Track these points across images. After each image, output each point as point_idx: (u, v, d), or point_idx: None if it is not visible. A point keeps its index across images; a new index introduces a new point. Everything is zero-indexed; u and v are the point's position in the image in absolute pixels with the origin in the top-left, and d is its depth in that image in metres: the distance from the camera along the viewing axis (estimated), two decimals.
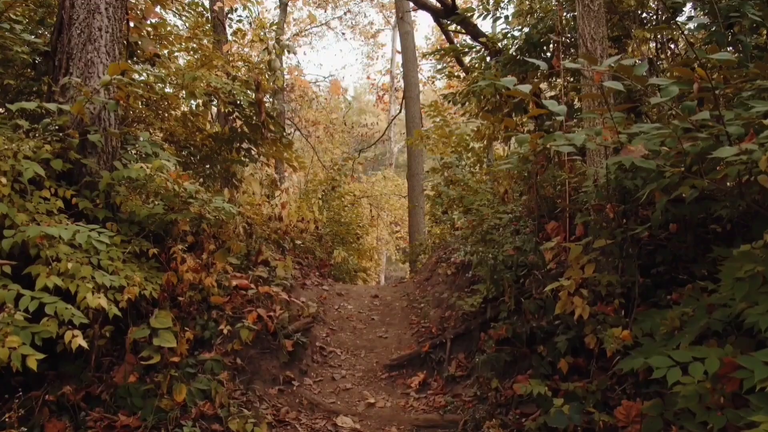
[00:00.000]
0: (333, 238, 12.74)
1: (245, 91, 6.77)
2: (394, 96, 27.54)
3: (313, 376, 5.79)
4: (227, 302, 5.43)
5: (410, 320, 7.21)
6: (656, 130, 2.92)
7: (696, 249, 4.57)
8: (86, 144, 5.37)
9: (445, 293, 7.22)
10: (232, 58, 7.83)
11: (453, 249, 8.43)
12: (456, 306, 6.28)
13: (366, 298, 8.35)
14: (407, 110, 15.61)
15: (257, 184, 7.81)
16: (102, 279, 4.11)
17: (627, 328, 4.33)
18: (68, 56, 5.70)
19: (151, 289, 4.71)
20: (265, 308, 5.73)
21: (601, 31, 5.62)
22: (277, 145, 7.47)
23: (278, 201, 10.21)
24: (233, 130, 7.41)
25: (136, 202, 5.14)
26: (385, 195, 23.63)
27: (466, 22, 9.91)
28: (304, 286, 7.92)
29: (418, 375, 5.73)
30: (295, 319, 6.02)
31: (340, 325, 7.13)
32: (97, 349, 4.71)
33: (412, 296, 8.09)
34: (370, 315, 7.58)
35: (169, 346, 4.39)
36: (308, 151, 21.75)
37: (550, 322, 4.88)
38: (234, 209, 5.42)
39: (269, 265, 6.57)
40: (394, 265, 27.43)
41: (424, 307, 7.40)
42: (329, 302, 7.90)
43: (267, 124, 7.08)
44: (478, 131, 10.01)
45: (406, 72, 15.93)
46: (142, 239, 5.18)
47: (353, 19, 26.83)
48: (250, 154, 7.76)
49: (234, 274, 5.85)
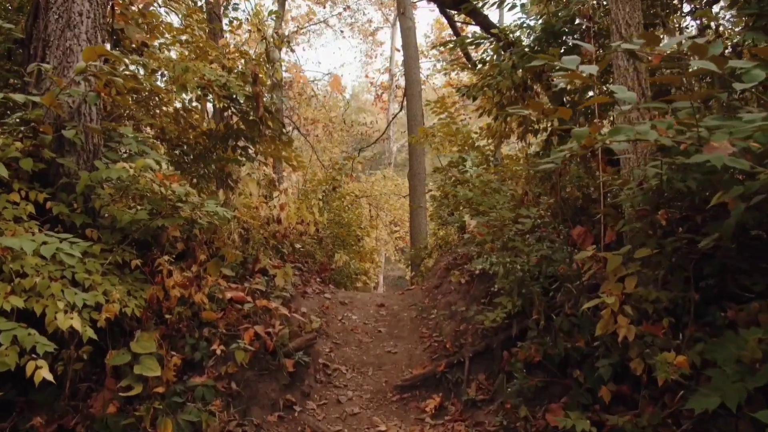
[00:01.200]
0: (333, 241, 12.17)
1: (241, 84, 6.19)
2: (393, 95, 27.12)
3: (316, 398, 5.22)
4: (221, 318, 4.86)
5: (421, 333, 6.63)
6: (752, 122, 2.36)
7: (745, 258, 4.02)
8: (63, 141, 4.78)
9: (459, 304, 6.65)
10: (227, 50, 7.25)
11: (464, 254, 7.87)
12: (473, 320, 5.71)
13: (371, 307, 7.78)
14: (408, 108, 15.11)
15: (254, 185, 7.23)
16: (73, 298, 3.52)
17: (681, 353, 3.78)
18: (45, 44, 5.12)
19: (134, 305, 4.13)
20: (264, 324, 5.16)
21: (636, 15, 5.07)
22: (276, 143, 6.89)
23: (277, 202, 9.66)
24: (228, 126, 6.83)
25: (117, 206, 4.55)
26: (385, 195, 23.16)
27: (476, 12, 9.32)
28: (305, 295, 7.35)
29: (434, 398, 5.16)
30: (297, 335, 5.44)
31: (345, 339, 6.56)
32: (72, 375, 4.13)
33: (421, 305, 7.52)
34: (377, 327, 7.01)
35: (153, 375, 3.80)
36: (307, 150, 21.18)
37: (588, 343, 4.32)
38: (228, 214, 4.84)
39: (267, 274, 5.99)
40: (392, 265, 26.94)
41: (436, 319, 6.83)
42: (332, 312, 7.33)
43: (265, 120, 6.51)
44: (489, 128, 9.45)
45: (407, 69, 15.40)
46: (126, 247, 4.60)
47: (352, 16, 26.27)
48: (246, 153, 7.18)
49: (229, 286, 5.27)
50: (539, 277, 5.03)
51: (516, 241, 5.32)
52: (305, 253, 10.45)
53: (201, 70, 6.16)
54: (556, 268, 5.00)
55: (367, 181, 23.45)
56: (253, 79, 6.19)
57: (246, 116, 6.68)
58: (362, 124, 25.10)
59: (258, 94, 6.15)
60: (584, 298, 4.51)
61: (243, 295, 5.11)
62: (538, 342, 4.60)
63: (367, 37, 28.55)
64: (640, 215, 4.31)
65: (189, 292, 4.41)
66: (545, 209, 5.51)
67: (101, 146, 5.20)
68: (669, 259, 4.14)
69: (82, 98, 4.91)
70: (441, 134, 11.64)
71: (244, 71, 6.48)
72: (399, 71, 26.61)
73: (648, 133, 2.47)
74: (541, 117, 8.15)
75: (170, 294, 4.24)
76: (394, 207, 23.99)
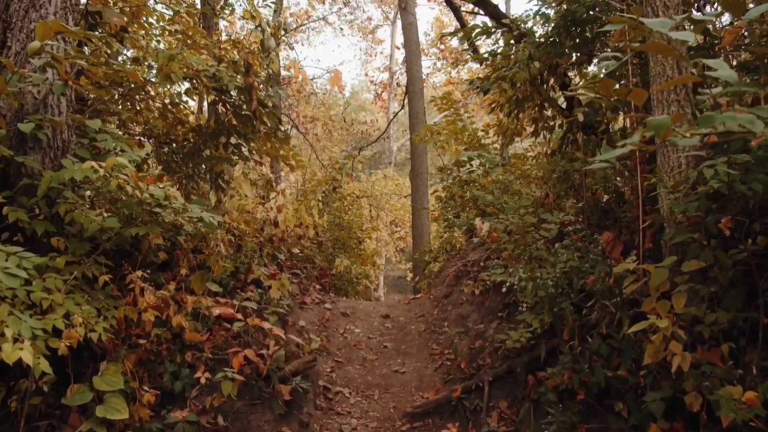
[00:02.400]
0: (334, 244, 11.56)
1: (233, 74, 5.58)
2: (393, 93, 26.65)
3: (316, 429, 4.61)
4: (207, 340, 4.25)
5: (431, 349, 6.03)
6: None
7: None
8: (25, 137, 4.17)
9: (473, 317, 6.05)
10: (219, 40, 6.64)
11: (476, 261, 7.27)
12: (492, 338, 5.11)
13: (375, 318, 7.17)
14: (410, 106, 14.61)
15: (248, 186, 6.62)
16: (17, 327, 2.91)
17: (747, 386, 3.19)
18: (6, 26, 4.51)
19: (101, 330, 3.51)
20: (256, 344, 4.55)
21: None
22: (272, 141, 6.27)
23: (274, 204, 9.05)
24: (219, 122, 6.21)
25: (86, 212, 3.94)
26: (386, 195, 22.62)
27: (486, 1, 8.73)
28: (304, 306, 6.74)
29: (449, 428, 4.55)
30: (294, 356, 4.83)
31: (348, 356, 5.95)
32: (29, 411, 3.52)
33: (429, 317, 6.91)
34: (382, 341, 6.40)
35: (120, 418, 3.19)
36: (306, 149, 20.56)
37: (632, 370, 3.72)
38: (215, 219, 4.23)
39: (261, 286, 5.39)
40: (392, 265, 26.42)
41: (447, 333, 6.23)
42: (333, 325, 6.72)
43: (260, 115, 5.90)
44: (499, 126, 8.83)
45: (409, 65, 14.85)
46: (99, 258, 4.00)
47: (352, 13, 25.68)
48: (239, 151, 6.56)
49: (217, 300, 4.65)
50: (569, 291, 4.43)
51: (541, 249, 4.71)
52: (304, 257, 9.85)
53: (188, 58, 5.54)
54: (586, 281, 4.40)
55: (368, 181, 22.89)
56: (246, 69, 5.59)
57: (238, 110, 6.06)
58: (362, 123, 24.50)
59: (251, 86, 5.55)
60: (625, 317, 3.90)
61: (232, 312, 4.50)
62: (571, 368, 3.99)
63: (367, 35, 28.01)
64: (693, 222, 3.71)
65: (167, 313, 3.79)
66: (573, 213, 4.90)
67: (72, 143, 4.60)
68: (727, 274, 3.55)
69: (48, 88, 4.30)
70: (446, 132, 11.06)
71: (236, 60, 5.86)
72: (399, 69, 26.11)
73: (754, 124, 1.86)
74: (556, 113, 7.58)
75: (142, 317, 3.62)
76: (394, 207, 23.46)
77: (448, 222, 10.26)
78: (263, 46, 6.19)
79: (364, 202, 17.70)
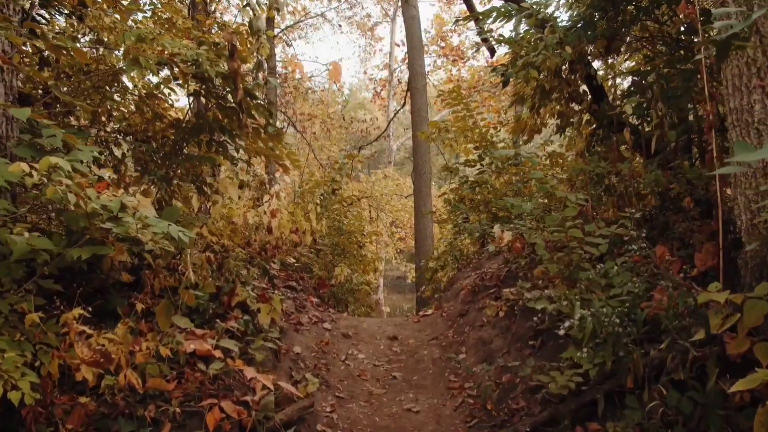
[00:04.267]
0: (333, 250, 10.68)
1: (214, 58, 4.69)
2: (392, 91, 25.93)
3: None
4: (175, 387, 3.36)
5: (448, 382, 5.15)
6: None
7: None
8: None
9: (497, 343, 5.18)
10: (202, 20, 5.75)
11: (495, 275, 6.39)
12: (524, 373, 4.23)
13: (381, 340, 6.29)
14: (413, 103, 13.84)
15: (235, 189, 5.73)
16: None
17: None
18: None
19: (27, 389, 2.63)
20: (240, 387, 3.68)
21: None
22: (262, 137, 5.38)
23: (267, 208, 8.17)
24: (200, 116, 5.33)
25: (18, 226, 3.06)
26: (386, 195, 21.82)
27: None
28: (299, 328, 5.86)
29: None
30: (286, 400, 3.93)
31: (350, 390, 5.07)
32: None
33: (444, 340, 6.04)
34: (390, 370, 5.52)
35: None
36: (303, 147, 19.68)
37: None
38: (186, 236, 3.34)
39: (248, 311, 4.51)
40: (390, 265, 25.64)
41: (466, 361, 5.36)
42: (333, 349, 5.85)
43: (247, 107, 5.02)
44: (517, 122, 7.95)
45: (411, 60, 14.05)
46: (31, 286, 3.12)
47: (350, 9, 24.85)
48: (225, 149, 5.67)
49: (192, 332, 3.77)
50: (626, 323, 3.55)
51: (588, 271, 3.84)
52: (300, 267, 8.98)
53: (161, 40, 4.66)
54: (651, 311, 3.53)
55: (367, 181, 22.06)
56: (230, 52, 4.71)
57: (223, 102, 5.18)
58: (362, 121, 23.64)
59: (236, 72, 4.67)
60: (712, 365, 3.03)
61: (209, 349, 3.61)
62: (639, 425, 3.12)
63: (366, 32, 27.22)
64: None
65: (117, 363, 2.90)
66: (631, 224, 4.01)
67: (12, 139, 3.72)
68: None
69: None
70: (455, 129, 10.18)
71: (219, 42, 4.98)
72: (398, 67, 25.32)
73: None
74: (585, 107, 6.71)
75: (77, 375, 2.73)
76: (395, 208, 22.66)
77: (458, 227, 9.41)
78: (252, 27, 5.30)
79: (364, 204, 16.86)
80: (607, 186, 5.85)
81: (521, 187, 9.24)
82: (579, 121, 6.31)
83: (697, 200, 4.61)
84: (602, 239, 4.05)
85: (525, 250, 6.03)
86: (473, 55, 22.45)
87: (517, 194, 8.96)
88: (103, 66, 5.51)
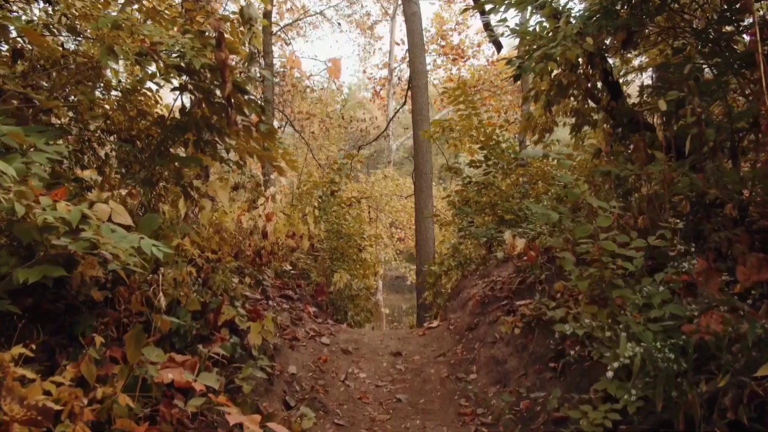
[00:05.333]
0: (332, 255, 10.19)
1: (200, 47, 4.21)
2: (392, 91, 25.56)
3: None
4: (148, 429, 2.87)
5: (459, 407, 4.66)
6: None
7: None
8: None
9: (512, 363, 4.70)
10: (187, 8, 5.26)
11: (507, 286, 5.91)
12: (546, 403, 3.76)
13: (384, 356, 5.81)
14: (413, 101, 13.40)
15: (225, 193, 5.24)
16: None
17: None
18: None
19: None
20: (224, 426, 3.20)
21: None
22: (254, 136, 4.90)
23: (262, 212, 7.70)
24: (186, 112, 4.85)
25: None
26: (386, 196, 21.38)
27: None
28: (294, 344, 5.38)
29: None
30: None
31: (351, 415, 4.58)
32: None
33: (452, 357, 5.56)
34: (394, 392, 5.04)
35: None
36: (302, 147, 19.19)
37: None
38: (162, 251, 2.86)
39: (237, 331, 4.03)
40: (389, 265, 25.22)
41: (478, 382, 4.88)
42: (332, 367, 5.37)
43: (237, 102, 4.54)
44: (528, 120, 7.46)
45: (412, 58, 13.58)
46: None
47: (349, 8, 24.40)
48: (214, 149, 5.19)
49: (172, 358, 3.29)
50: (665, 351, 3.06)
51: (623, 288, 3.36)
52: (297, 273, 8.49)
53: (141, 28, 4.18)
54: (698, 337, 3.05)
55: (367, 181, 21.61)
56: (217, 41, 4.24)
57: (210, 97, 4.70)
58: (361, 120, 23.17)
59: (224, 63, 4.20)
60: None
61: (190, 382, 3.12)
62: None
63: (365, 30, 26.81)
64: None
65: (70, 411, 2.41)
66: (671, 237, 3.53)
67: None
68: None
69: None
70: (460, 128, 9.70)
71: (205, 30, 4.49)
72: (398, 66, 24.90)
73: None
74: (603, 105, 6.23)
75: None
76: (395, 209, 22.23)
77: (464, 232, 8.92)
78: (243, 15, 4.81)
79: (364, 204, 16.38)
80: (629, 190, 5.39)
81: (528, 188, 8.79)
82: (602, 120, 5.82)
83: (737, 207, 4.14)
84: (635, 252, 3.57)
85: (539, 258, 5.57)
86: (474, 54, 22.03)
87: (524, 196, 8.50)
88: (81, 58, 5.05)
